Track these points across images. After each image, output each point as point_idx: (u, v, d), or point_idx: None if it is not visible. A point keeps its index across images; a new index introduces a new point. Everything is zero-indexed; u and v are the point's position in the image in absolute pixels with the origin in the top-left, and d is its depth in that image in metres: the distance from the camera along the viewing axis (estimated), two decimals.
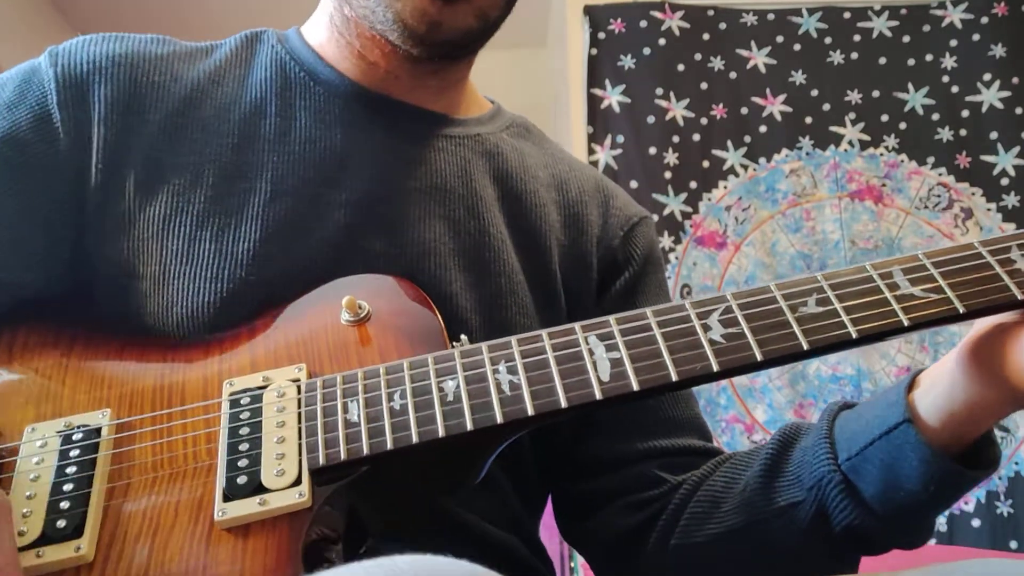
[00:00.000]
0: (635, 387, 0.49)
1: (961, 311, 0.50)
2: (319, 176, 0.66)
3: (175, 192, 0.63)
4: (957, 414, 0.53)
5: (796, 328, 0.50)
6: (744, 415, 2.28)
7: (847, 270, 0.52)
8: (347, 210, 0.65)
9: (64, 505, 0.48)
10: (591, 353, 0.51)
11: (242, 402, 0.53)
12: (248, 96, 0.69)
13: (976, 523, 2.20)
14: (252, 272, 0.61)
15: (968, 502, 2.22)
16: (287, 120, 0.68)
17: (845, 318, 0.50)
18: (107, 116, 0.64)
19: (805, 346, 0.50)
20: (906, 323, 0.50)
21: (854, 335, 0.50)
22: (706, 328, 0.51)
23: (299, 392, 0.53)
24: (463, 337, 0.56)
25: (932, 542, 2.20)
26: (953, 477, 0.53)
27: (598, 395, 0.49)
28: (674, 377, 0.50)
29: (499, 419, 0.49)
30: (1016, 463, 2.23)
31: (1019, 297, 0.50)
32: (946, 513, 2.21)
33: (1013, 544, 2.18)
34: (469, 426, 0.49)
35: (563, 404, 0.49)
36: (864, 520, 0.56)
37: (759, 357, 0.49)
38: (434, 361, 0.52)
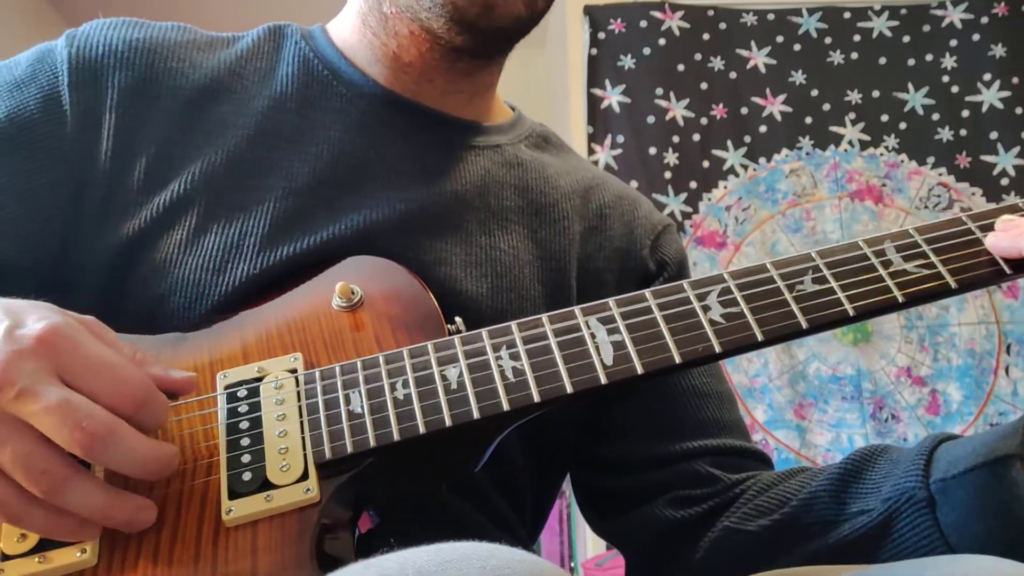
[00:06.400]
0: (639, 370, 0.49)
1: (953, 287, 0.51)
2: (336, 179, 0.65)
3: (185, 183, 0.62)
4: None
5: (794, 307, 0.51)
6: (744, 415, 2.27)
7: (840, 247, 0.53)
8: (363, 215, 0.63)
9: None
10: (593, 337, 0.51)
11: (239, 395, 0.51)
12: (268, 91, 0.67)
13: None
14: (257, 266, 0.60)
15: None
16: (307, 119, 0.67)
17: (841, 295, 0.51)
18: (120, 103, 0.63)
19: (804, 324, 0.50)
20: (900, 299, 0.50)
21: (851, 312, 0.50)
22: (706, 309, 0.51)
23: (298, 384, 0.51)
24: (458, 320, 0.55)
25: None
26: None
27: (603, 379, 0.49)
28: (677, 359, 0.49)
29: (505, 406, 0.49)
30: None
31: (1007, 271, 0.50)
32: None
33: None
34: (476, 414, 0.48)
35: (569, 390, 0.49)
36: (932, 544, 0.54)
37: (760, 337, 0.50)
38: (434, 349, 0.51)
